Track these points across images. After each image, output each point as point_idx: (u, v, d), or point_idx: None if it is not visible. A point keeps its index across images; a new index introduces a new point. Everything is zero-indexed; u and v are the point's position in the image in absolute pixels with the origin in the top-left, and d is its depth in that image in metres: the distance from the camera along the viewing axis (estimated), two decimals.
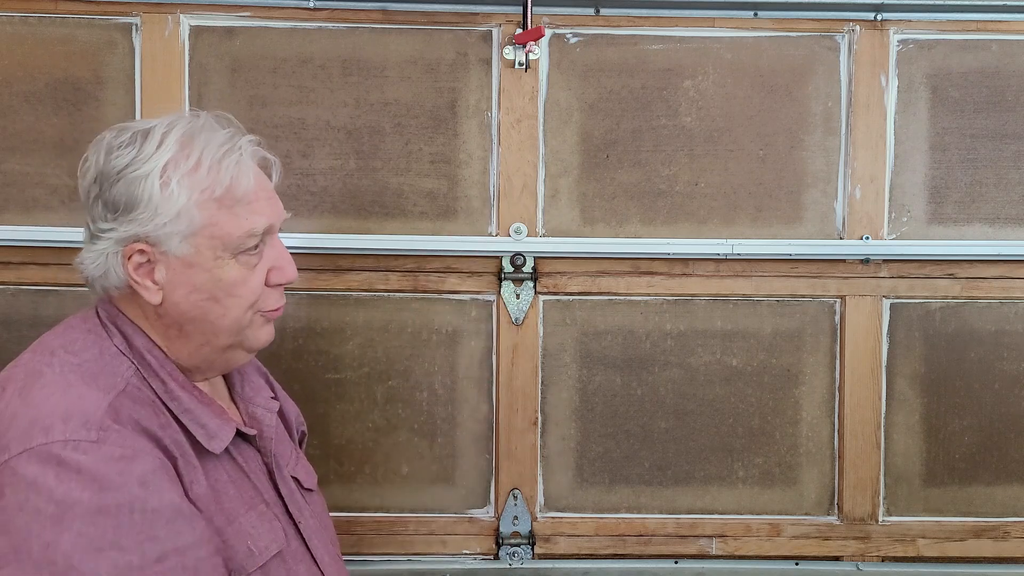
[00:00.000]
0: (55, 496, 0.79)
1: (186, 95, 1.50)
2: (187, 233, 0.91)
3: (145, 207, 0.90)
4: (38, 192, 1.50)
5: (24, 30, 1.49)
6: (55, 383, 0.87)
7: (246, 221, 0.93)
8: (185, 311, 0.94)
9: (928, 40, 1.53)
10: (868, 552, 1.57)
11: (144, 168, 0.91)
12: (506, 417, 1.54)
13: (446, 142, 1.52)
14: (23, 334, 1.51)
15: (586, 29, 1.52)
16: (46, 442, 0.81)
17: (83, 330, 0.95)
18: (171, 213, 0.90)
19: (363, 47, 1.51)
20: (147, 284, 0.93)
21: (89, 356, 0.92)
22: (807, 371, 1.56)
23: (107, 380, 0.90)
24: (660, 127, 1.53)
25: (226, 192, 0.92)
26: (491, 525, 1.56)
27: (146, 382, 0.93)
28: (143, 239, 0.91)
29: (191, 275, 0.93)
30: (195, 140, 0.93)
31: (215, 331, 0.96)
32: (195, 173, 0.91)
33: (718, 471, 1.57)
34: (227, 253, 0.93)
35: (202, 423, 0.94)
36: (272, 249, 0.98)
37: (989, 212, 1.55)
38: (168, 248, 0.92)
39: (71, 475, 0.80)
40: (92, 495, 0.79)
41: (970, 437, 1.57)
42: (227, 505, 0.94)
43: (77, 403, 0.85)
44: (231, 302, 0.94)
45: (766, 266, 1.54)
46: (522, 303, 1.53)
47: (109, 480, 0.80)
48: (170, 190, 0.90)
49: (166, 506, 0.83)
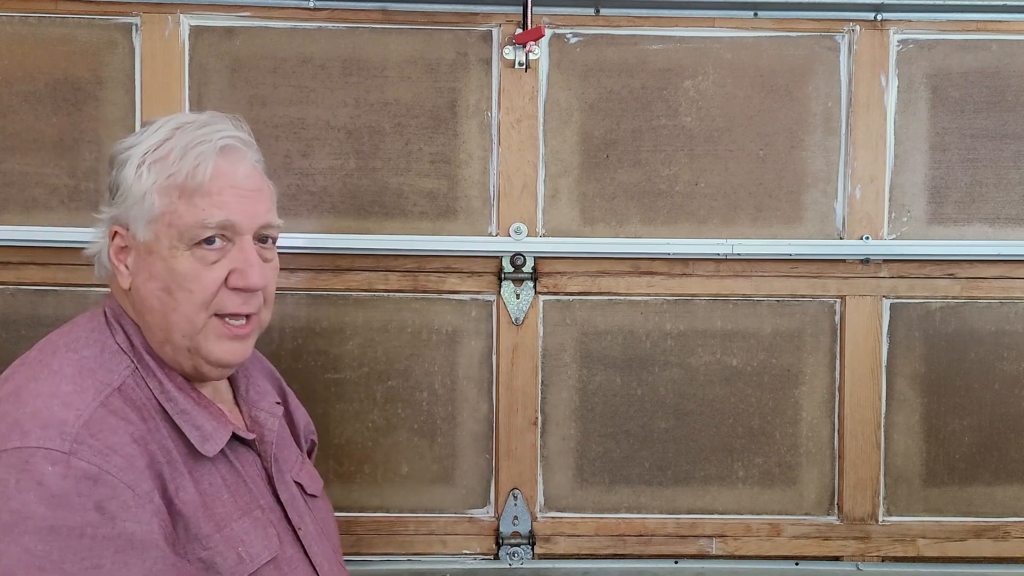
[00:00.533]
0: (11, 504, 0.78)
1: (186, 95, 1.50)
2: (149, 218, 0.93)
3: (124, 190, 0.94)
4: (37, 192, 1.50)
5: (24, 30, 1.49)
6: (49, 382, 0.87)
7: (202, 212, 0.92)
8: (144, 298, 0.94)
9: (928, 40, 1.53)
10: (868, 552, 1.57)
11: (130, 153, 0.94)
12: (506, 417, 1.54)
13: (446, 142, 1.52)
14: (22, 334, 1.51)
15: (586, 29, 1.52)
16: (19, 446, 0.81)
17: (87, 328, 0.96)
18: (137, 196, 0.93)
19: (363, 47, 1.51)
20: (121, 268, 0.96)
21: (89, 353, 0.92)
22: (807, 371, 1.56)
23: (104, 376, 0.90)
24: (660, 127, 1.53)
25: (187, 179, 0.92)
26: (491, 525, 1.56)
27: (143, 382, 0.93)
28: (120, 222, 0.95)
29: (150, 262, 0.94)
30: (180, 131, 0.95)
31: (168, 326, 0.94)
32: (165, 160, 0.93)
33: (718, 471, 1.57)
34: (182, 244, 0.93)
35: (197, 425, 0.94)
36: (240, 252, 0.95)
37: (989, 212, 1.55)
38: (136, 232, 0.94)
39: (32, 485, 0.79)
40: (47, 511, 0.79)
41: (970, 437, 1.57)
42: (219, 511, 0.93)
43: (61, 408, 0.84)
44: (182, 295, 0.93)
45: (766, 266, 1.54)
46: (522, 303, 1.53)
47: (67, 499, 0.80)
48: (139, 173, 0.93)
49: (117, 535, 0.81)
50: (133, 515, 0.83)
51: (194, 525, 0.89)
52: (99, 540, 0.80)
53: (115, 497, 0.82)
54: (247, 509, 0.96)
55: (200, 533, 0.90)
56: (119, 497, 0.82)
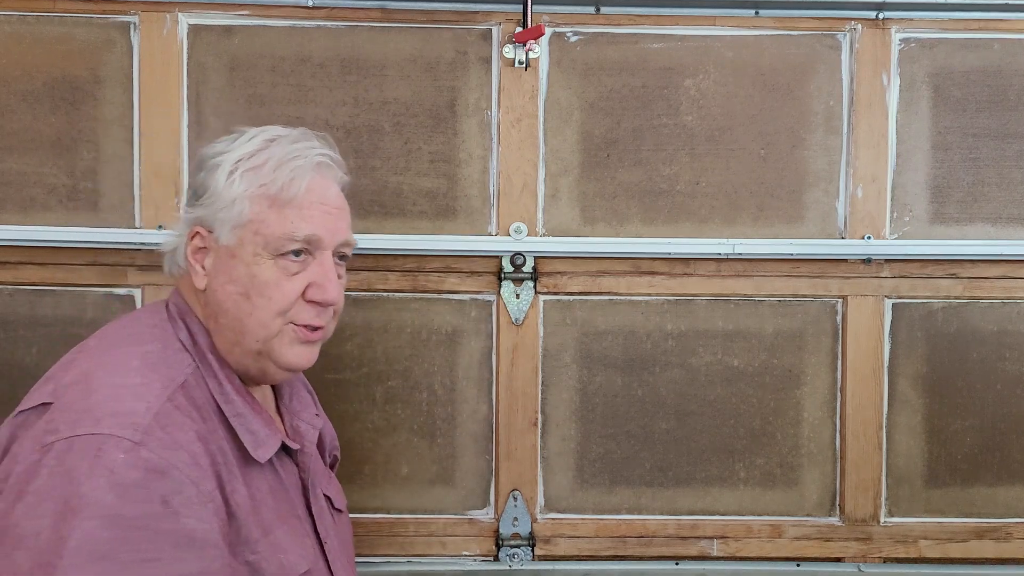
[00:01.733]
0: (81, 489, 0.79)
1: (184, 94, 1.49)
2: (235, 223, 0.95)
3: (212, 192, 0.96)
4: (36, 191, 1.49)
5: (22, 29, 1.48)
6: (117, 373, 0.88)
7: (290, 224, 0.95)
8: (220, 301, 0.96)
9: (930, 39, 1.52)
10: (870, 553, 1.56)
11: (223, 158, 0.97)
12: (506, 417, 1.54)
13: (446, 141, 1.52)
14: (20, 334, 1.51)
15: (586, 27, 1.51)
16: (92, 432, 0.82)
17: (149, 324, 0.97)
18: (227, 201, 0.95)
19: (362, 46, 1.50)
20: (197, 268, 0.98)
21: (153, 348, 0.93)
22: (809, 371, 1.56)
23: (168, 372, 0.91)
24: (661, 126, 1.53)
25: (280, 191, 0.95)
26: (491, 526, 1.55)
27: (203, 381, 0.94)
28: (204, 223, 0.97)
29: (231, 266, 0.96)
30: (276, 143, 0.98)
31: (242, 329, 0.96)
32: (259, 169, 0.96)
33: (719, 472, 1.56)
34: (266, 252, 0.95)
35: (252, 429, 0.95)
36: (319, 266, 0.98)
37: (991, 212, 1.54)
38: (219, 235, 0.96)
39: (103, 472, 0.80)
40: (115, 499, 0.79)
41: (972, 438, 1.56)
42: (265, 517, 0.94)
43: (131, 398, 0.86)
44: (260, 302, 0.95)
45: (767, 266, 1.54)
46: (522, 303, 1.53)
47: (134, 489, 0.80)
48: (232, 179, 0.95)
49: (178, 530, 0.82)
50: (195, 512, 0.84)
51: (245, 528, 0.90)
52: (160, 534, 0.81)
53: (180, 492, 0.83)
54: (286, 518, 0.97)
55: (249, 537, 0.90)
56: (184, 493, 0.83)
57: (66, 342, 1.51)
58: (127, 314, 1.02)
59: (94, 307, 1.51)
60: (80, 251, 1.49)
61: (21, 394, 1.49)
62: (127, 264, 1.50)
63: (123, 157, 1.50)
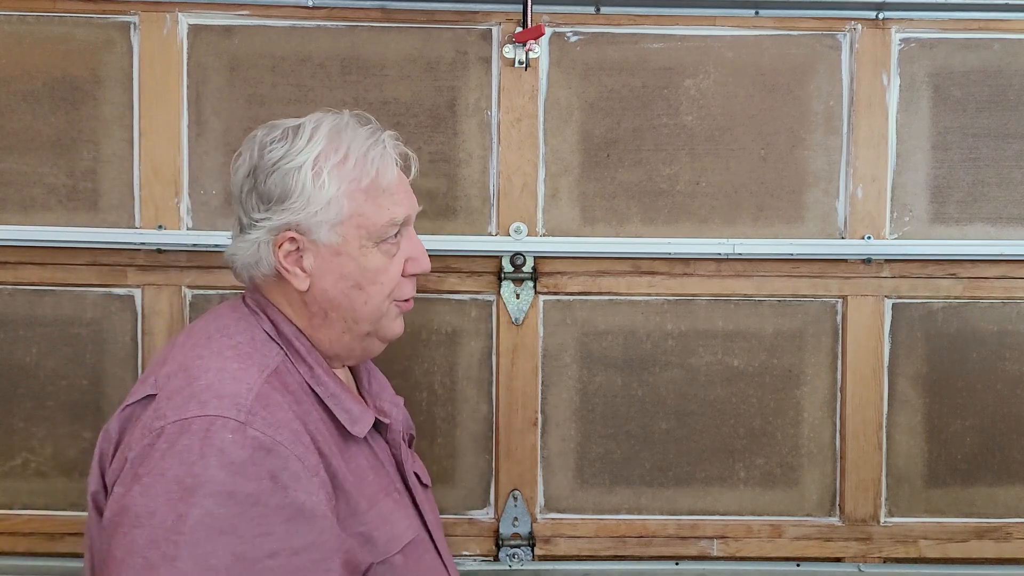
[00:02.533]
0: (195, 469, 0.82)
1: (184, 94, 1.49)
2: (335, 222, 0.97)
3: (298, 197, 0.96)
4: (36, 191, 1.49)
5: (22, 29, 1.48)
6: (214, 360, 0.92)
7: (388, 211, 0.99)
8: (333, 298, 0.99)
9: (930, 39, 1.52)
10: (870, 553, 1.56)
11: (297, 160, 0.97)
12: (506, 417, 1.54)
13: (445, 141, 1.52)
14: (19, 334, 1.51)
15: (586, 27, 1.51)
16: (199, 415, 0.85)
17: (233, 318, 1.00)
18: (322, 202, 0.96)
19: (362, 45, 1.50)
20: (296, 271, 0.99)
21: (242, 339, 0.96)
22: (809, 371, 1.56)
23: (261, 359, 0.95)
24: (661, 126, 1.53)
25: (372, 183, 0.98)
26: (491, 526, 1.55)
27: (294, 367, 0.98)
28: (294, 227, 0.97)
29: (339, 263, 0.98)
30: (342, 135, 1.00)
31: (356, 318, 1.00)
32: (344, 165, 0.98)
33: (719, 472, 1.56)
34: (371, 242, 0.99)
35: (347, 408, 0.99)
36: (408, 240, 1.03)
37: (991, 212, 1.54)
38: (318, 237, 0.97)
39: (214, 451, 0.83)
40: (227, 476, 0.83)
41: (972, 438, 1.56)
42: (368, 490, 0.97)
43: (232, 382, 0.89)
44: (374, 289, 1.00)
45: (767, 266, 1.54)
46: (522, 303, 1.53)
47: (244, 466, 0.83)
48: (321, 180, 0.96)
49: (288, 504, 0.85)
50: (303, 486, 0.86)
51: (352, 500, 0.94)
52: (271, 508, 0.84)
53: (286, 468, 0.86)
54: (388, 491, 1.01)
55: (358, 509, 0.94)
56: (290, 468, 0.86)
57: (66, 342, 1.51)
58: (209, 311, 1.05)
59: (94, 307, 1.51)
60: (80, 251, 1.49)
61: (22, 394, 1.51)
62: (127, 264, 1.50)
63: (123, 157, 1.50)
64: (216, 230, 1.49)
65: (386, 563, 0.94)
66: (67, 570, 1.51)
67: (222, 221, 1.50)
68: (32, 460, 1.52)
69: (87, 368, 1.51)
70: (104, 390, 1.52)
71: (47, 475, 1.52)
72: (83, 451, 1.52)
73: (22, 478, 1.52)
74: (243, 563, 0.82)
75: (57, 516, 1.52)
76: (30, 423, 1.52)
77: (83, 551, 0.96)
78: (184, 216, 1.50)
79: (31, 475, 1.52)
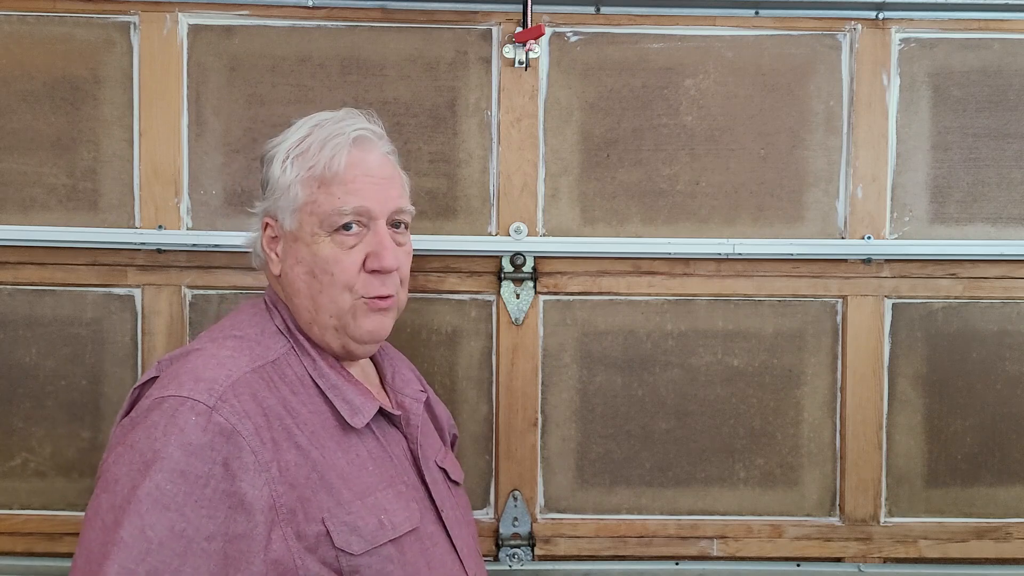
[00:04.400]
0: (155, 445, 0.87)
1: (184, 94, 1.49)
2: (293, 208, 1.02)
3: (273, 184, 1.04)
4: (36, 191, 1.49)
5: (22, 29, 1.48)
6: (210, 348, 0.97)
7: (338, 200, 1.00)
8: (292, 281, 1.03)
9: (930, 39, 1.53)
10: (870, 553, 1.56)
11: (276, 151, 1.05)
12: (506, 418, 1.54)
13: (445, 141, 1.52)
14: (19, 334, 1.51)
15: (586, 27, 1.51)
16: (173, 395, 0.90)
17: (250, 313, 1.06)
18: (283, 188, 1.02)
19: (362, 46, 1.50)
20: (272, 256, 1.06)
21: (252, 332, 1.02)
22: (809, 371, 1.56)
23: (261, 351, 0.99)
24: (661, 126, 1.53)
25: (324, 170, 1.01)
26: (491, 526, 1.55)
27: (298, 359, 1.02)
28: (270, 214, 1.04)
29: (296, 248, 1.03)
30: (318, 128, 1.04)
31: (315, 306, 1.02)
32: (305, 154, 1.02)
33: (719, 472, 1.56)
34: (322, 230, 1.01)
35: (347, 399, 1.01)
36: (374, 236, 1.03)
37: (991, 212, 1.54)
38: (283, 222, 1.03)
39: (176, 430, 0.87)
40: (183, 455, 0.86)
41: (972, 438, 1.56)
42: (364, 480, 0.99)
43: (215, 368, 0.93)
44: (325, 278, 1.01)
45: (767, 266, 1.54)
46: (522, 303, 1.53)
47: (201, 449, 0.87)
48: (284, 168, 1.03)
49: (234, 492, 0.88)
50: (251, 478, 0.89)
51: (335, 490, 0.95)
52: (219, 493, 0.87)
53: (240, 457, 0.89)
54: (391, 483, 1.02)
55: (341, 499, 0.95)
56: (243, 458, 0.89)
57: (66, 342, 1.51)
58: (237, 307, 1.10)
59: (94, 307, 1.51)
60: (80, 251, 1.49)
61: (21, 393, 1.51)
62: (127, 264, 1.50)
63: (123, 157, 1.50)
64: (216, 230, 1.49)
65: (374, 553, 0.95)
66: (66, 570, 1.51)
67: (222, 221, 1.50)
68: (31, 460, 1.52)
69: (87, 368, 1.51)
70: (103, 390, 1.52)
71: (46, 475, 1.52)
72: (82, 451, 1.52)
73: (21, 478, 1.52)
74: (181, 540, 0.85)
75: (56, 516, 1.52)
76: (29, 423, 1.51)
77: None
78: (184, 216, 1.50)
79: (30, 475, 1.52)
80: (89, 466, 1.52)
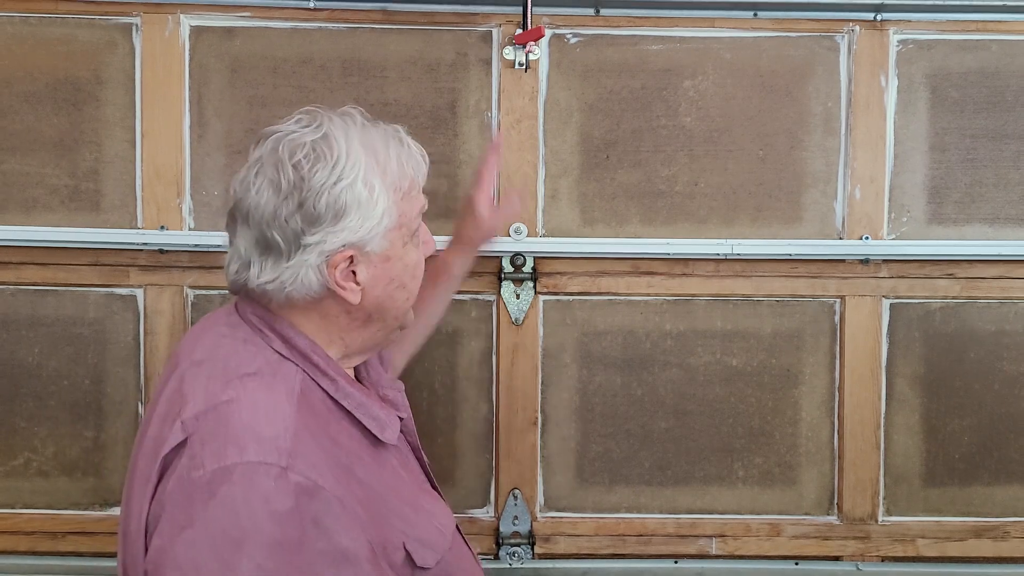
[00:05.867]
0: (240, 520, 0.79)
1: (186, 95, 1.50)
2: (388, 228, 0.94)
3: (355, 215, 0.91)
4: (38, 192, 1.50)
5: (24, 30, 1.49)
6: (243, 395, 0.86)
7: (417, 203, 0.98)
8: (381, 303, 0.96)
9: (928, 40, 1.53)
10: (868, 552, 1.57)
11: (347, 179, 0.91)
12: (506, 417, 1.54)
13: (446, 142, 1.52)
14: (21, 334, 1.51)
15: (586, 29, 1.52)
16: (239, 462, 0.81)
17: (239, 340, 0.94)
18: (377, 215, 0.92)
19: (363, 47, 1.51)
20: (351, 286, 0.93)
21: (259, 365, 0.91)
22: (807, 371, 1.56)
23: (284, 385, 0.90)
24: (660, 127, 1.53)
25: (410, 186, 0.96)
26: (491, 525, 1.56)
27: (314, 383, 0.93)
28: (351, 245, 0.91)
29: (388, 268, 0.95)
30: (374, 143, 0.95)
31: (396, 315, 0.98)
32: (386, 175, 0.94)
33: (718, 471, 1.57)
34: (410, 238, 0.97)
35: (374, 415, 0.95)
36: (422, 227, 1.01)
37: (989, 212, 1.55)
38: (371, 248, 0.93)
39: (259, 500, 0.79)
40: (273, 526, 0.79)
41: (970, 437, 1.57)
42: (406, 492, 0.95)
43: (267, 422, 0.84)
44: (413, 284, 0.98)
45: (766, 266, 1.54)
46: (522, 303, 1.53)
47: (289, 514, 0.80)
48: (375, 195, 0.92)
49: (332, 549, 0.82)
50: (345, 529, 0.83)
51: (400, 512, 0.92)
52: (316, 553, 0.81)
53: (329, 511, 0.83)
54: (420, 485, 1.00)
55: (408, 518, 0.92)
56: (332, 511, 0.83)
57: (68, 342, 1.51)
58: (208, 327, 0.98)
59: (96, 307, 1.52)
60: (82, 251, 1.50)
61: (24, 393, 1.52)
62: (129, 264, 1.51)
63: (125, 158, 1.50)
64: (218, 230, 1.50)
65: (441, 562, 0.92)
66: (69, 569, 1.52)
67: (224, 221, 1.50)
68: (34, 459, 1.53)
69: (89, 368, 1.52)
70: (106, 390, 1.52)
71: (49, 474, 1.53)
72: (85, 451, 1.53)
73: (24, 477, 1.53)
74: None
75: (59, 515, 1.53)
76: (32, 423, 1.52)
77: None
78: (186, 216, 1.51)
79: (33, 474, 1.53)
80: (91, 465, 1.53)
